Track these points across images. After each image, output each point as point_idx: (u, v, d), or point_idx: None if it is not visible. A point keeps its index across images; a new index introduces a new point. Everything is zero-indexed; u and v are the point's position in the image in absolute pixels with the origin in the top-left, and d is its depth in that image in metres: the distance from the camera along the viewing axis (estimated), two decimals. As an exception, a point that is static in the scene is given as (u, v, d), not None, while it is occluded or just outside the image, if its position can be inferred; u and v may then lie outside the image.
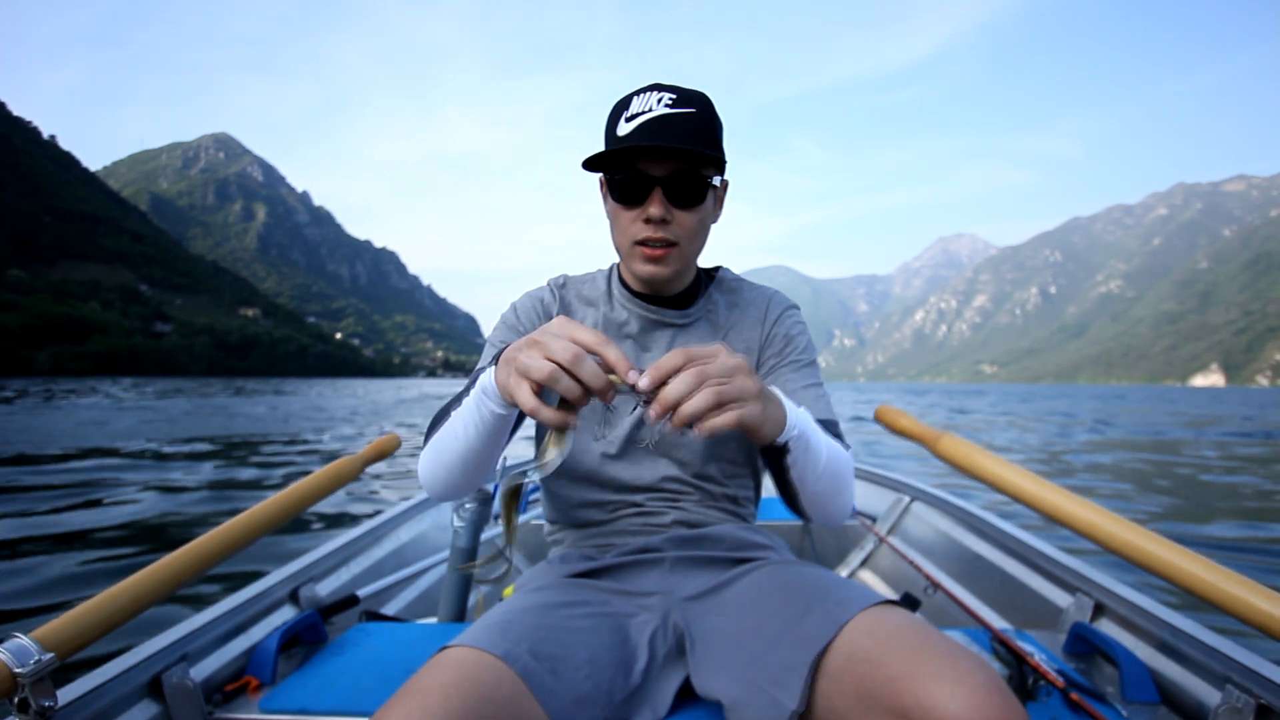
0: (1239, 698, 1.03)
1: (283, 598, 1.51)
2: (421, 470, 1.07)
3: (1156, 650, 1.25)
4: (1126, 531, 1.18)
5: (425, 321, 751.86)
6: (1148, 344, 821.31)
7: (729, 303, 1.27)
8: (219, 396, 30.20)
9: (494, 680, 0.80)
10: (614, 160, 1.07)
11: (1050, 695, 1.13)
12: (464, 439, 0.96)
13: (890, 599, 0.89)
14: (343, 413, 19.76)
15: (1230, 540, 4.65)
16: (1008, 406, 31.60)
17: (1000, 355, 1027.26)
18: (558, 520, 1.27)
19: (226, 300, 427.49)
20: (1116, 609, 1.39)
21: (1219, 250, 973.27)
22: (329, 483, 1.62)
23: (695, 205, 1.08)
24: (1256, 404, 42.90)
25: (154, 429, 12.70)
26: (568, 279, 1.29)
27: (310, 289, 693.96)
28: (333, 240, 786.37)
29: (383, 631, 1.43)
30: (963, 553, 2.04)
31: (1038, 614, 1.63)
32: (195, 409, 20.14)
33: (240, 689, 1.20)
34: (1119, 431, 15.72)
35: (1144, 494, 6.78)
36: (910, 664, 0.73)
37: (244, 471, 7.56)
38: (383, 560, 1.93)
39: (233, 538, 1.29)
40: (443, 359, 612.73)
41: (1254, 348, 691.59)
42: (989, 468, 1.51)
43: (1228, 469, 8.89)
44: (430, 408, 24.09)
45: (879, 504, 2.58)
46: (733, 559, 1.14)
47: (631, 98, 1.07)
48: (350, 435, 12.34)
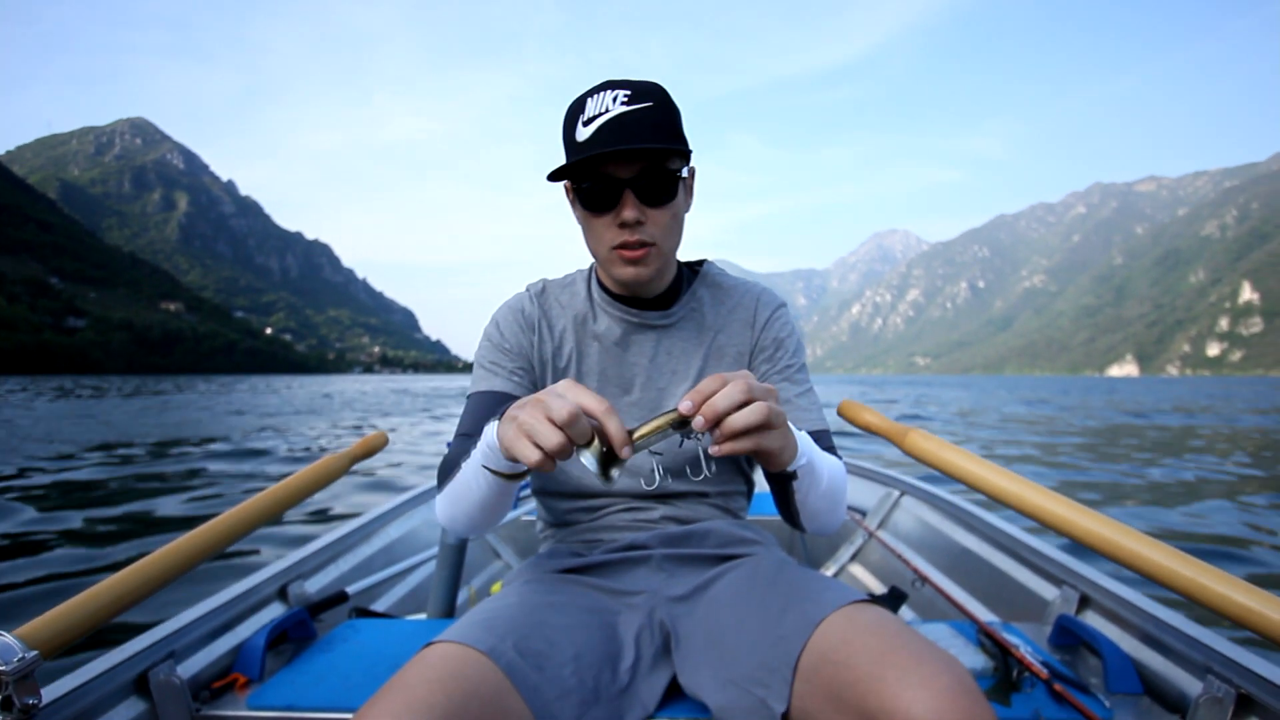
0: (1220, 687, 1.05)
1: (271, 595, 1.50)
2: (441, 515, 1.08)
3: (1140, 641, 1.27)
4: (1097, 524, 1.19)
5: (361, 316, 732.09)
6: (1068, 336, 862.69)
7: (714, 299, 1.24)
8: (110, 397, 27.30)
9: (478, 676, 0.80)
10: (578, 168, 1.04)
11: (1035, 686, 1.14)
12: (477, 490, 0.97)
13: (869, 596, 0.89)
14: (250, 414, 17.69)
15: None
16: (990, 400, 30.71)
17: (932, 348, 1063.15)
18: (547, 516, 1.28)
19: (146, 294, 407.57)
20: (1101, 601, 1.40)
21: (1132, 247, 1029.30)
22: (316, 480, 1.61)
23: (668, 202, 1.07)
24: (1174, 393, 44.30)
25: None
26: (546, 284, 1.26)
27: (237, 282, 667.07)
28: (261, 231, 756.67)
29: (372, 628, 1.42)
30: (951, 546, 2.06)
31: (1024, 606, 1.64)
32: (74, 412, 17.79)
33: (228, 686, 1.20)
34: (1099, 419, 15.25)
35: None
36: (877, 666, 0.73)
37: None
38: (372, 557, 1.93)
39: (219, 535, 1.28)
40: (380, 354, 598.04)
41: (1164, 339, 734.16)
42: (956, 462, 1.51)
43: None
44: (364, 407, 22.25)
45: (869, 498, 2.59)
46: (720, 556, 1.14)
47: (585, 99, 1.04)
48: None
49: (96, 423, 14.18)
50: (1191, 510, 5.30)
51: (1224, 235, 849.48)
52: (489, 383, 1.16)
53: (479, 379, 1.17)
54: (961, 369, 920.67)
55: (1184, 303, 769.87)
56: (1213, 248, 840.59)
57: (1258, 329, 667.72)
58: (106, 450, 9.02)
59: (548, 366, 1.20)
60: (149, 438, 10.81)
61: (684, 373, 1.18)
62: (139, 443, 10.05)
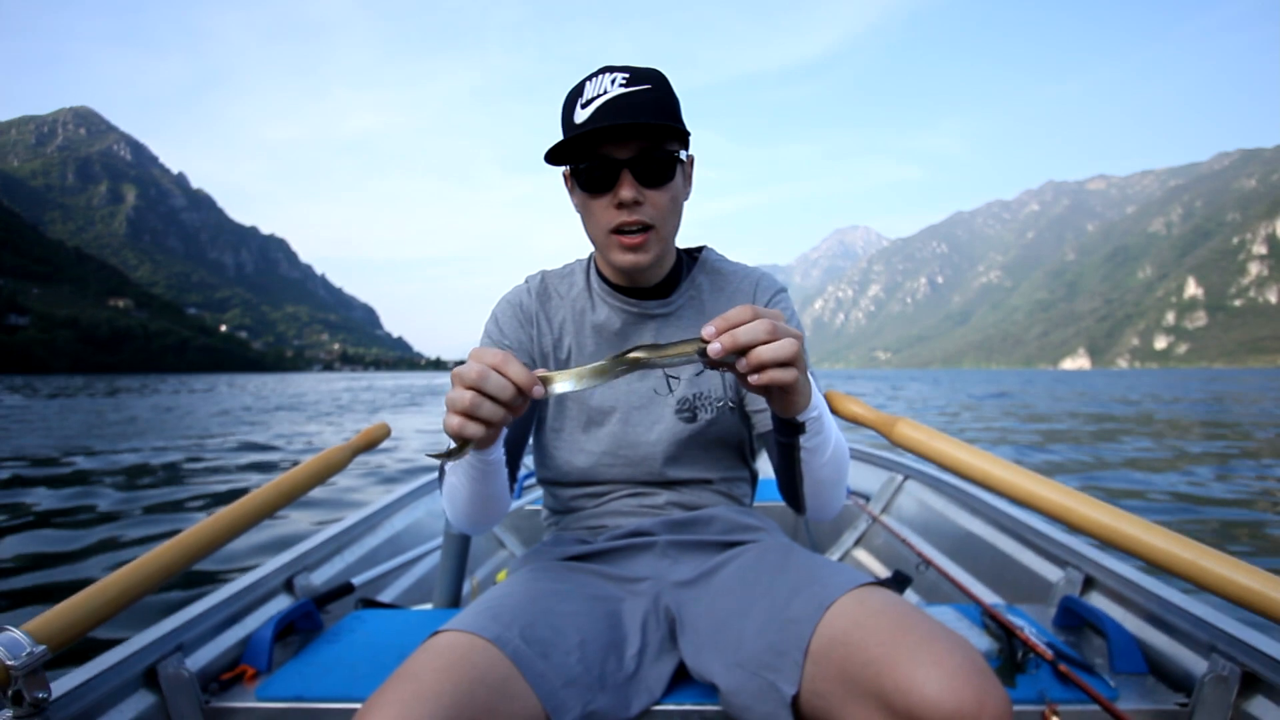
0: (1224, 666, 1.05)
1: (278, 587, 1.51)
2: (448, 515, 1.10)
3: (1144, 621, 1.27)
4: (1093, 510, 1.18)
5: (320, 312, 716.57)
6: (1023, 330, 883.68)
7: (714, 285, 1.23)
8: (39, 398, 25.25)
9: (485, 663, 0.81)
10: (576, 149, 1.04)
11: (1040, 667, 1.15)
12: (462, 486, 0.99)
13: (877, 579, 0.89)
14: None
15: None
16: (962, 395, 30.85)
17: (893, 342, 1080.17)
18: (552, 504, 1.29)
19: (93, 290, 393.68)
20: (1105, 582, 1.40)
21: (1084, 243, 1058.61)
22: (319, 472, 1.62)
23: (666, 183, 1.05)
24: (1140, 385, 44.86)
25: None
26: (545, 275, 1.26)
27: (190, 278, 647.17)
28: (214, 226, 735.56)
29: (378, 618, 1.43)
30: (955, 530, 2.06)
31: (1028, 588, 1.65)
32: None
33: (236, 678, 1.21)
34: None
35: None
36: (889, 647, 0.73)
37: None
38: (377, 548, 1.94)
39: (223, 528, 1.29)
40: (340, 351, 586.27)
41: (1114, 333, 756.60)
42: (947, 451, 1.50)
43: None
44: (321, 412, 20.99)
45: (873, 483, 2.59)
46: (724, 542, 1.14)
47: (584, 84, 1.04)
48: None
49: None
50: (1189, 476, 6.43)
51: (1170, 232, 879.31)
52: None
53: None
54: (921, 363, 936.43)
55: (1133, 298, 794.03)
56: (1159, 244, 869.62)
57: (1202, 323, 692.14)
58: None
59: (549, 360, 1.20)
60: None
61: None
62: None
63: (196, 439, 10.91)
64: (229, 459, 8.37)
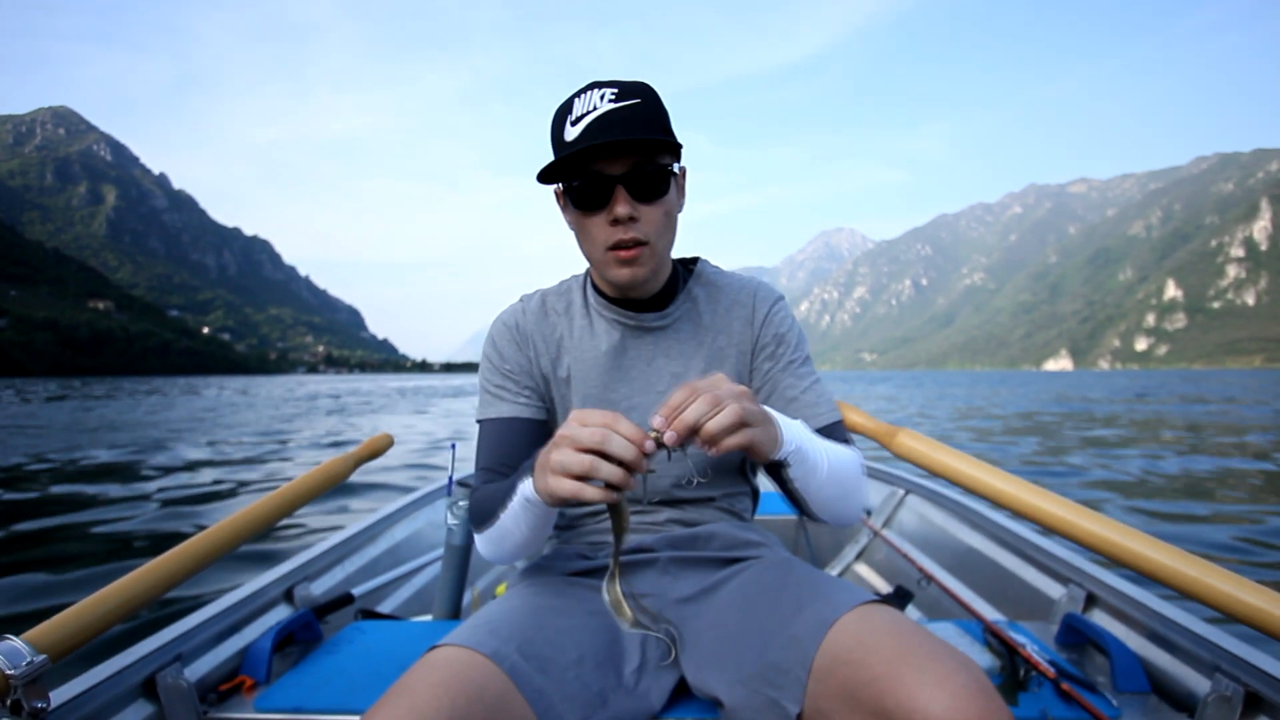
0: (1228, 686, 1.04)
1: (277, 597, 1.51)
2: (484, 553, 1.11)
3: (1147, 640, 1.26)
4: (1097, 525, 1.17)
5: (304, 314, 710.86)
6: (1007, 332, 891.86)
7: (710, 297, 1.23)
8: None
9: (482, 679, 0.80)
10: (568, 166, 1.03)
11: (1042, 685, 1.13)
12: (518, 533, 1.01)
13: (880, 595, 0.89)
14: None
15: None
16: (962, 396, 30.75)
17: (878, 344, 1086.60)
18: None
19: (72, 292, 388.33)
20: (1108, 599, 1.39)
21: (1066, 246, 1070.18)
22: (321, 483, 1.61)
23: (660, 197, 1.05)
24: (1128, 386, 45.16)
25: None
26: (542, 294, 1.26)
27: (171, 280, 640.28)
28: (196, 227, 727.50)
29: (377, 630, 1.43)
30: (956, 545, 2.05)
31: (1030, 605, 1.63)
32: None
33: (235, 688, 1.20)
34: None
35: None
36: (893, 665, 0.73)
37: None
38: (377, 559, 1.93)
39: (224, 539, 1.29)
40: (325, 354, 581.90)
41: (1096, 335, 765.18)
42: (948, 463, 1.48)
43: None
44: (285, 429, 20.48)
45: (874, 498, 2.59)
46: (725, 559, 1.14)
47: (573, 100, 1.03)
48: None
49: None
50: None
51: (1150, 235, 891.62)
52: (496, 409, 1.17)
53: (486, 404, 1.18)
54: (906, 364, 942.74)
55: (1114, 299, 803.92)
56: (1139, 247, 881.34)
57: (1181, 324, 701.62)
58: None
59: (550, 379, 1.20)
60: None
61: (684, 375, 1.18)
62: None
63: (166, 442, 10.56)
64: (225, 473, 8.23)
